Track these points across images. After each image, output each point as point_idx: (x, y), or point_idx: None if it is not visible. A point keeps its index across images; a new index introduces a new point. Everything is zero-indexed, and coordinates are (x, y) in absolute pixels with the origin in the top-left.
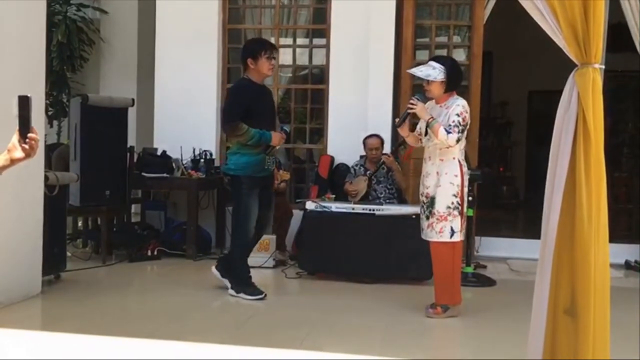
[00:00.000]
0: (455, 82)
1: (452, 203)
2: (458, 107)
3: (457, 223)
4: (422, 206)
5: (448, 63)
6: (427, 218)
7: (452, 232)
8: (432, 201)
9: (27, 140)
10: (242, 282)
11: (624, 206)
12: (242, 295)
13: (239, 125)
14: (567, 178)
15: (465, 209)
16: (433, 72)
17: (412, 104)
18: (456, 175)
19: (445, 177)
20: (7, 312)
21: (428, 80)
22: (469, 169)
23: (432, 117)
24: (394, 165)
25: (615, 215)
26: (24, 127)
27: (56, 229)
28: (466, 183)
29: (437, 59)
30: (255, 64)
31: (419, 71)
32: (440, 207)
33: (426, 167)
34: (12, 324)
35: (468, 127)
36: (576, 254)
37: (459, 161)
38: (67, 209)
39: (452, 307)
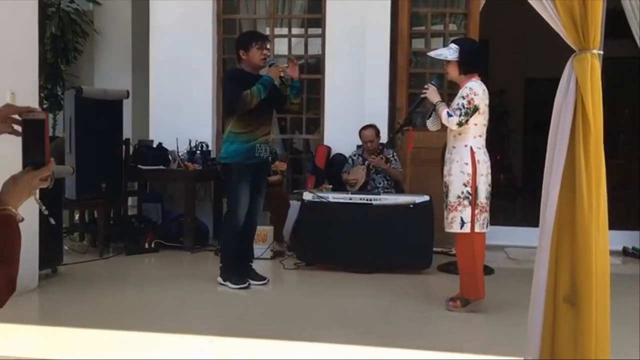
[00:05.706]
0: (470, 64)
1: (462, 192)
2: (465, 90)
3: (468, 213)
4: (444, 196)
5: (463, 43)
6: (445, 207)
7: (462, 223)
8: (447, 190)
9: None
10: (228, 270)
11: (621, 193)
12: (228, 284)
13: (243, 96)
14: (566, 164)
15: (480, 199)
16: (446, 52)
17: (425, 88)
18: (466, 164)
19: (456, 165)
20: (4, 307)
21: (445, 62)
22: None
23: (440, 100)
24: (382, 165)
25: (612, 202)
26: (40, 153)
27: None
28: (482, 172)
29: (457, 40)
30: (247, 54)
31: (434, 52)
32: (451, 196)
33: (446, 154)
34: (9, 318)
35: (479, 111)
36: (577, 241)
37: (472, 148)
38: (63, 202)
39: (473, 302)
